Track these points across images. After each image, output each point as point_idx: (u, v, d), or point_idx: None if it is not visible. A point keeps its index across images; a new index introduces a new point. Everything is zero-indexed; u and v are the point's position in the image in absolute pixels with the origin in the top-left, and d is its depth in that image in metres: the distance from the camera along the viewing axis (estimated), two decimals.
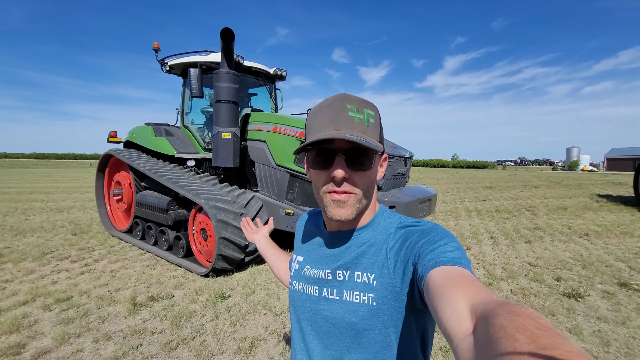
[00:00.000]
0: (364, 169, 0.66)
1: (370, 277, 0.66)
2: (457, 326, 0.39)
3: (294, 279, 0.81)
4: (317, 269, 0.75)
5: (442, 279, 0.49)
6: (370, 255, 0.68)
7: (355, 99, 0.67)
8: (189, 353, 2.44)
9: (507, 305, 0.35)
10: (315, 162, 0.67)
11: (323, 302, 0.71)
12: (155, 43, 5.41)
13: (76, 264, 4.37)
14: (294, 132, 4.28)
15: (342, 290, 0.69)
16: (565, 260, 4.68)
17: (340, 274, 0.70)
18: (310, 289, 0.74)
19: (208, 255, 4.09)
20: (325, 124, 0.65)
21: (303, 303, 0.75)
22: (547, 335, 0.29)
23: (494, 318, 0.33)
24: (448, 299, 0.44)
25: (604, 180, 21.74)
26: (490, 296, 0.42)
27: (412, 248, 0.62)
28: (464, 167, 57.04)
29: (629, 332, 2.76)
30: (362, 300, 0.65)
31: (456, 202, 10.82)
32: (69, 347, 2.49)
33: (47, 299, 3.27)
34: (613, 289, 3.67)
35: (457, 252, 0.56)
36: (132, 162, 5.03)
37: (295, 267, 0.82)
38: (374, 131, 0.67)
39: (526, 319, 0.31)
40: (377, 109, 0.70)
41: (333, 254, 0.74)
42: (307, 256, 0.80)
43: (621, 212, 8.71)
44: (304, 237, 0.85)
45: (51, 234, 5.96)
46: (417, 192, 4.01)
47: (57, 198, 10.73)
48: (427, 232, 0.63)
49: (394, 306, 0.64)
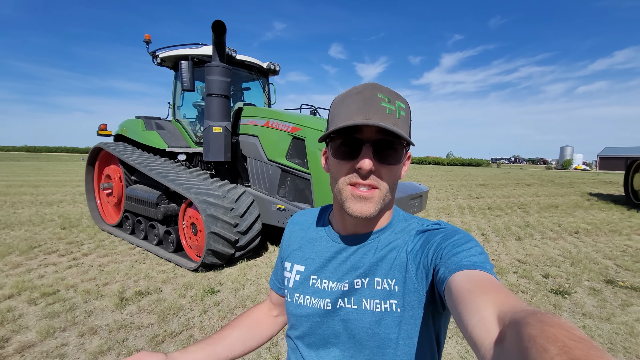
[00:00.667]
0: (393, 162, 0.62)
1: (391, 283, 0.62)
2: (484, 335, 0.38)
3: (295, 291, 0.72)
4: (329, 280, 0.68)
5: (466, 284, 0.47)
6: (390, 260, 0.64)
7: (387, 90, 0.62)
8: (175, 347, 2.43)
9: (537, 314, 0.33)
10: (339, 151, 0.62)
11: (339, 313, 0.65)
12: (146, 35, 5.33)
13: (64, 258, 4.32)
14: (286, 127, 4.26)
15: (360, 299, 0.64)
16: (554, 258, 4.73)
17: (358, 282, 0.65)
18: (322, 302, 0.67)
19: (198, 250, 4.07)
20: (353, 112, 0.59)
21: (313, 318, 0.68)
22: (580, 347, 0.27)
23: (523, 327, 0.32)
24: (474, 306, 0.42)
25: (596, 179, 22.03)
26: (519, 304, 0.40)
27: (434, 250, 0.59)
28: (459, 164, 57.41)
29: (612, 327, 2.80)
30: (384, 309, 0.61)
31: (449, 199, 10.89)
32: (53, 341, 2.46)
33: (33, 293, 3.22)
34: (599, 285, 3.72)
35: (481, 257, 0.54)
36: (122, 156, 4.96)
37: (295, 279, 0.73)
38: (405, 125, 0.62)
39: (558, 329, 0.29)
40: (408, 103, 0.65)
41: (350, 261, 0.67)
42: (310, 265, 0.72)
43: (611, 211, 8.83)
44: (303, 242, 0.76)
45: (40, 227, 5.88)
46: (408, 188, 4.01)
47: (47, 192, 10.59)
48: (451, 234, 0.60)
49: (417, 312, 0.61)
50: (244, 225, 4.01)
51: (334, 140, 0.63)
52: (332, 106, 0.65)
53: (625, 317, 2.98)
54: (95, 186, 6.04)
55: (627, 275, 4.07)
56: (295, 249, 0.76)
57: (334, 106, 0.65)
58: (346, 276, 0.66)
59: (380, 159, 0.61)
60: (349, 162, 0.61)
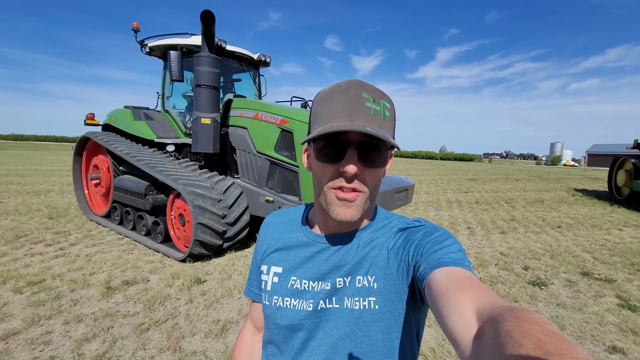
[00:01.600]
0: (377, 165, 0.61)
1: (371, 280, 0.62)
2: (463, 331, 0.39)
3: (274, 294, 0.69)
4: (309, 280, 0.67)
5: (446, 281, 0.48)
6: (372, 257, 0.64)
7: (372, 88, 0.61)
8: (160, 335, 2.48)
9: (513, 310, 0.34)
10: (323, 153, 0.60)
11: (321, 314, 0.65)
12: (134, 23, 5.24)
13: (51, 248, 4.31)
14: (275, 120, 4.27)
15: (342, 298, 0.64)
16: (535, 251, 4.87)
17: (340, 281, 0.64)
18: (304, 303, 0.66)
19: (186, 240, 4.10)
20: (338, 113, 0.58)
21: (293, 321, 0.66)
22: (553, 341, 0.28)
23: (500, 323, 0.33)
24: (454, 303, 0.43)
25: (583, 175, 22.46)
26: (497, 300, 0.41)
27: (415, 247, 0.59)
28: (451, 159, 57.89)
29: (584, 317, 2.93)
30: (363, 306, 0.62)
31: (439, 193, 11.03)
32: (38, 329, 2.49)
33: (19, 282, 3.23)
34: (576, 277, 3.86)
35: (460, 254, 0.55)
36: (110, 146, 4.93)
37: (273, 281, 0.70)
38: (390, 125, 0.61)
39: (533, 325, 0.30)
40: (392, 102, 0.64)
41: (332, 260, 0.67)
42: (288, 266, 0.70)
43: (594, 206, 9.06)
44: (279, 243, 0.74)
45: (26, 217, 5.83)
46: (393, 182, 4.07)
47: (35, 181, 10.44)
48: (431, 232, 0.61)
49: (397, 308, 0.61)
50: (232, 216, 4.05)
51: (318, 142, 0.61)
52: (315, 104, 0.64)
53: (597, 308, 3.11)
54: (83, 176, 5.99)
55: (603, 268, 4.23)
56: (272, 252, 0.74)
57: (316, 104, 0.63)
58: (328, 276, 0.66)
59: (365, 162, 0.59)
60: (333, 165, 0.60)
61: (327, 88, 0.64)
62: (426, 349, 2.43)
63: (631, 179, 9.28)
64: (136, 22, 5.24)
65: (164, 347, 2.34)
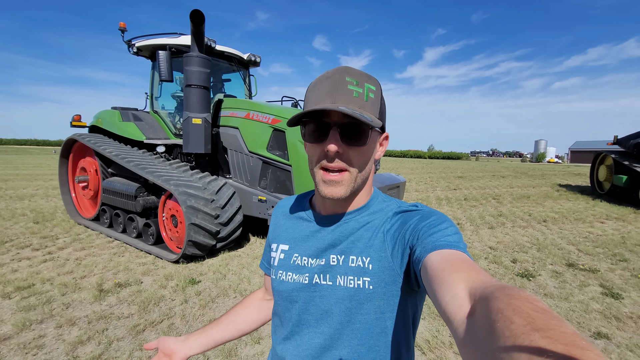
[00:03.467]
0: (359, 144, 0.63)
1: (366, 261, 0.64)
2: (456, 310, 0.40)
3: (279, 269, 0.75)
4: (308, 257, 0.72)
5: (441, 263, 0.49)
6: (367, 239, 0.66)
7: (357, 72, 0.64)
8: (156, 335, 2.46)
9: (505, 288, 0.35)
10: (311, 135, 0.65)
11: (315, 288, 0.68)
12: (121, 23, 5.17)
13: (38, 252, 4.21)
14: (267, 119, 4.28)
15: (335, 276, 0.66)
16: (523, 244, 5.01)
17: (334, 258, 0.68)
18: (301, 277, 0.70)
19: (178, 241, 4.06)
20: (322, 97, 0.62)
21: (291, 293, 0.71)
22: (543, 317, 0.29)
23: (492, 301, 0.34)
24: (447, 283, 0.44)
25: (566, 171, 23.10)
26: (489, 279, 0.42)
27: (412, 231, 0.61)
28: (440, 158, 58.69)
29: (570, 306, 3.04)
30: (357, 285, 0.64)
31: (428, 191, 11.20)
32: (30, 333, 2.44)
33: (7, 287, 3.15)
34: (562, 269, 4.00)
35: (455, 237, 0.56)
36: (98, 148, 4.85)
37: (280, 257, 0.76)
38: (374, 107, 0.64)
39: (523, 302, 0.32)
40: (379, 84, 0.67)
41: (327, 239, 0.71)
42: (293, 244, 0.75)
43: (577, 201, 9.34)
44: (287, 224, 0.80)
45: (10, 222, 5.67)
46: (385, 179, 4.14)
47: (17, 185, 10.15)
48: (427, 215, 0.62)
49: (390, 290, 0.63)
50: (225, 216, 4.04)
51: (307, 125, 0.65)
52: (307, 91, 0.69)
53: (582, 297, 3.23)
54: (70, 179, 5.87)
55: (587, 259, 4.38)
56: (281, 231, 0.80)
57: (308, 91, 0.68)
58: (323, 253, 0.69)
59: (347, 142, 0.62)
60: (320, 145, 0.64)
61: (318, 76, 0.68)
62: (421, 341, 2.48)
63: (612, 174, 9.61)
64: (123, 22, 5.17)
65: None
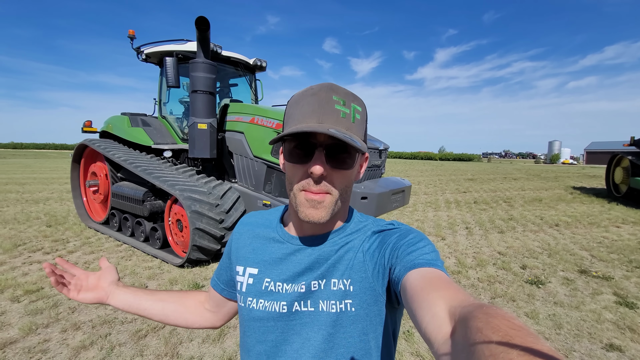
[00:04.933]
0: (345, 167, 0.61)
1: (347, 283, 0.63)
2: (436, 330, 0.40)
3: (248, 295, 0.69)
4: (282, 282, 0.66)
5: (419, 282, 0.49)
6: (347, 260, 0.65)
7: (343, 91, 0.61)
8: (157, 341, 2.48)
9: (482, 307, 0.36)
10: (293, 155, 0.61)
11: (294, 317, 0.64)
12: (130, 30, 5.28)
13: (49, 256, 4.31)
14: (271, 124, 4.29)
15: (317, 301, 0.64)
16: (533, 249, 4.88)
17: (315, 284, 0.64)
18: (276, 305, 0.65)
19: (184, 246, 4.10)
20: (307, 115, 0.59)
21: (266, 322, 0.66)
22: (519, 334, 0.30)
23: (471, 321, 0.34)
24: (427, 303, 0.44)
25: (581, 173, 22.50)
26: (467, 298, 0.43)
27: (391, 250, 0.60)
28: (450, 159, 57.94)
29: (581, 315, 2.94)
30: (340, 309, 0.62)
31: (437, 193, 11.05)
32: (36, 337, 2.49)
33: (17, 291, 3.23)
34: (573, 275, 3.87)
35: (433, 254, 0.57)
36: (107, 153, 4.94)
37: (248, 282, 0.70)
38: (360, 129, 0.63)
39: (501, 320, 0.32)
40: (364, 105, 0.65)
41: (304, 262, 0.66)
42: (263, 268, 0.69)
43: (592, 204, 9.07)
44: (254, 245, 0.73)
45: (25, 225, 5.83)
46: (390, 183, 4.09)
47: (34, 189, 10.44)
48: (405, 234, 0.62)
49: (373, 310, 0.62)
50: (230, 221, 4.05)
51: (288, 143, 0.62)
52: (289, 105, 0.65)
53: (594, 305, 3.12)
54: (81, 183, 6.00)
55: (601, 265, 4.24)
56: (248, 252, 0.73)
57: (290, 106, 0.64)
58: (302, 278, 0.66)
59: (333, 164, 0.60)
60: (302, 166, 0.61)
61: (301, 91, 0.64)
62: (423, 350, 2.43)
63: (628, 176, 9.30)
64: (132, 29, 5.28)
65: (161, 353, 2.34)
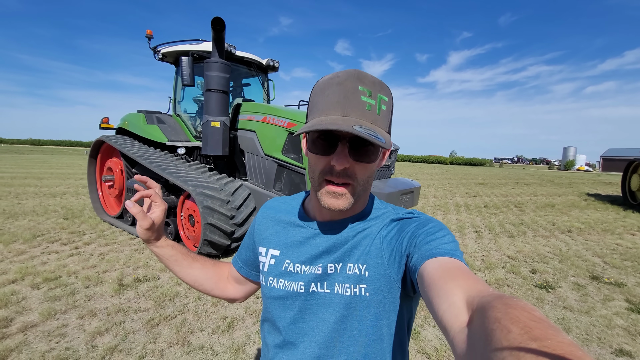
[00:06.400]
0: (368, 161, 0.62)
1: (362, 268, 0.64)
2: (453, 319, 0.40)
3: (270, 275, 0.73)
4: (303, 264, 0.69)
5: (437, 271, 0.49)
6: (364, 246, 0.66)
7: (370, 80, 0.60)
8: (169, 330, 2.56)
9: (502, 297, 0.35)
10: (316, 145, 0.62)
11: (311, 297, 0.67)
12: (148, 30, 5.43)
13: (66, 247, 4.46)
14: (282, 123, 4.36)
15: (333, 283, 0.66)
16: (544, 254, 4.82)
17: (332, 267, 0.67)
18: (294, 285, 0.68)
19: (195, 240, 4.20)
20: (332, 106, 0.59)
21: (285, 300, 0.69)
22: (540, 326, 0.29)
23: (489, 310, 0.34)
24: (444, 292, 0.44)
25: (596, 179, 22.00)
26: (486, 289, 0.42)
27: (409, 238, 0.61)
28: (461, 164, 57.27)
29: (591, 320, 2.91)
30: (354, 292, 0.63)
31: (447, 197, 10.96)
32: (54, 322, 2.60)
33: (36, 278, 3.36)
34: (584, 281, 3.82)
35: (452, 245, 0.56)
36: (123, 149, 5.09)
37: (270, 263, 0.74)
38: (385, 121, 0.62)
39: (520, 311, 0.32)
40: (390, 94, 0.64)
41: (322, 246, 0.69)
42: (284, 250, 0.73)
43: (607, 211, 8.88)
44: (277, 228, 0.77)
45: (43, 217, 6.04)
46: (399, 184, 4.11)
47: (51, 184, 10.76)
48: (424, 223, 0.62)
49: (387, 297, 0.63)
50: (240, 217, 4.13)
51: (311, 132, 0.62)
52: (313, 92, 0.64)
53: (605, 311, 3.08)
54: (98, 178, 6.18)
55: (613, 272, 4.16)
56: (270, 234, 0.77)
57: (314, 93, 0.64)
58: (319, 260, 0.68)
59: (355, 157, 0.60)
60: (326, 157, 0.61)
61: (327, 77, 0.63)
62: (429, 348, 2.45)
63: None
64: (149, 30, 5.43)
65: (173, 342, 2.42)
